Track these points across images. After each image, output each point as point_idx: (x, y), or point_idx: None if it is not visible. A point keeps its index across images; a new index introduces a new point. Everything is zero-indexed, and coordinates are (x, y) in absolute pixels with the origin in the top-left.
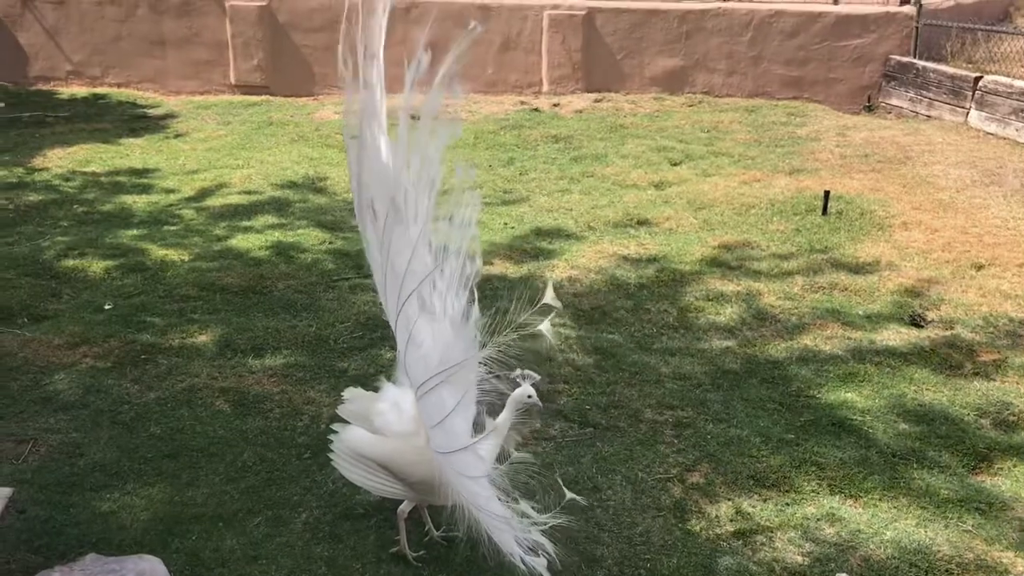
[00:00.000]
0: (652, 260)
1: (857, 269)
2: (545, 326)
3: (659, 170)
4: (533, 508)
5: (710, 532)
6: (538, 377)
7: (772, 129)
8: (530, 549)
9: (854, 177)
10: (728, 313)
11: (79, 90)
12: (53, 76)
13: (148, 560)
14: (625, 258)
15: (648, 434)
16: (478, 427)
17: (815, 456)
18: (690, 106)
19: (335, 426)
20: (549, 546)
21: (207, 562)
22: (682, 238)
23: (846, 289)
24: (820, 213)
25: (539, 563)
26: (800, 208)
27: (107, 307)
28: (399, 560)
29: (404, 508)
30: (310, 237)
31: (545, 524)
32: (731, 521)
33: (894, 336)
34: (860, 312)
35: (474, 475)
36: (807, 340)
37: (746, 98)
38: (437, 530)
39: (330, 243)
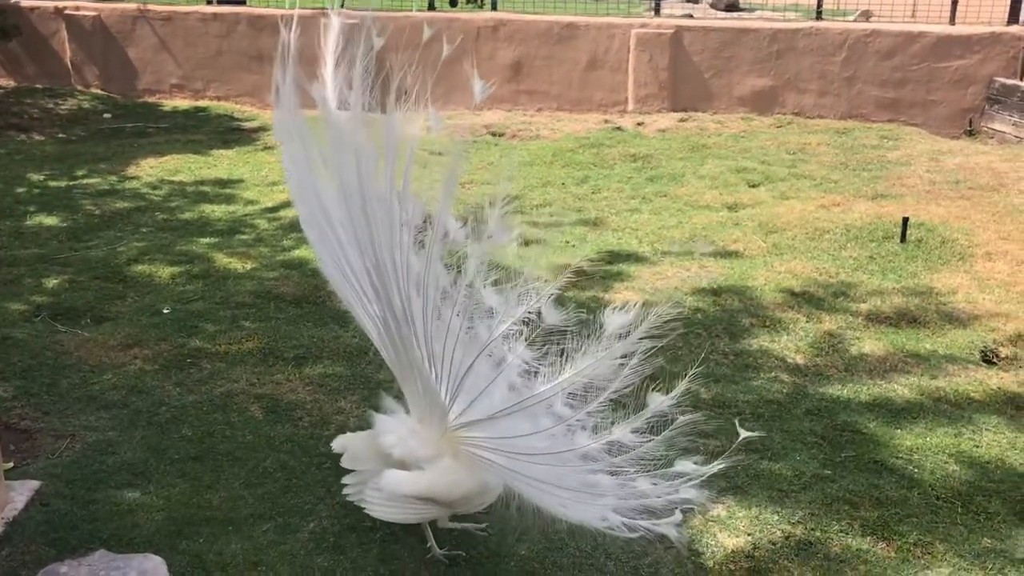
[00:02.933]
0: (712, 283)
1: (930, 300)
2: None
3: (735, 192)
4: (693, 463)
5: (723, 567)
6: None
7: (861, 152)
8: (665, 510)
9: (940, 204)
10: (783, 341)
11: (182, 103)
12: (159, 89)
13: (152, 560)
14: (684, 280)
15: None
16: None
17: (849, 494)
18: (778, 127)
19: (349, 479)
20: (703, 496)
21: (208, 565)
22: (747, 262)
23: (915, 320)
24: (898, 240)
25: (672, 521)
26: (877, 235)
27: (165, 311)
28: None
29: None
30: None
31: (704, 475)
32: (747, 557)
33: (960, 372)
34: (927, 345)
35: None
36: (863, 372)
37: (838, 120)
38: (440, 548)
39: None
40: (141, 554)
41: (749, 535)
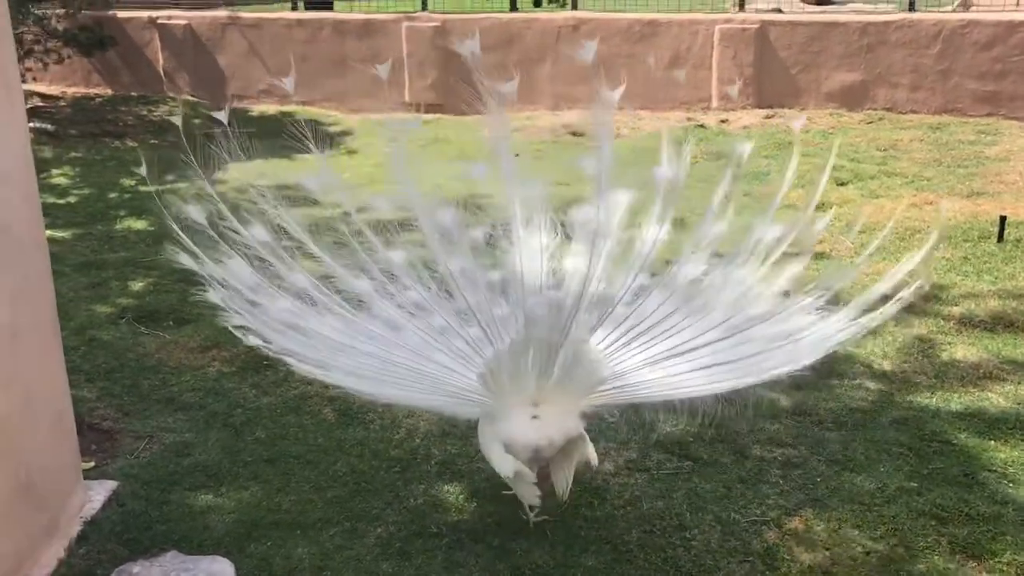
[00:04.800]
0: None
1: None
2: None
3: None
4: None
5: None
6: None
7: (957, 148)
8: None
9: None
10: (870, 346)
11: (269, 107)
12: (246, 94)
13: (220, 562)
14: None
15: (752, 472)
16: None
17: (937, 509)
18: (868, 123)
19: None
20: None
21: (276, 569)
22: (833, 263)
23: (1011, 325)
24: (995, 240)
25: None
26: (972, 235)
27: None
28: None
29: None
30: None
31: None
32: (824, 574)
33: None
34: None
35: None
36: (955, 379)
37: (932, 115)
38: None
39: None
40: (210, 556)
41: (827, 550)
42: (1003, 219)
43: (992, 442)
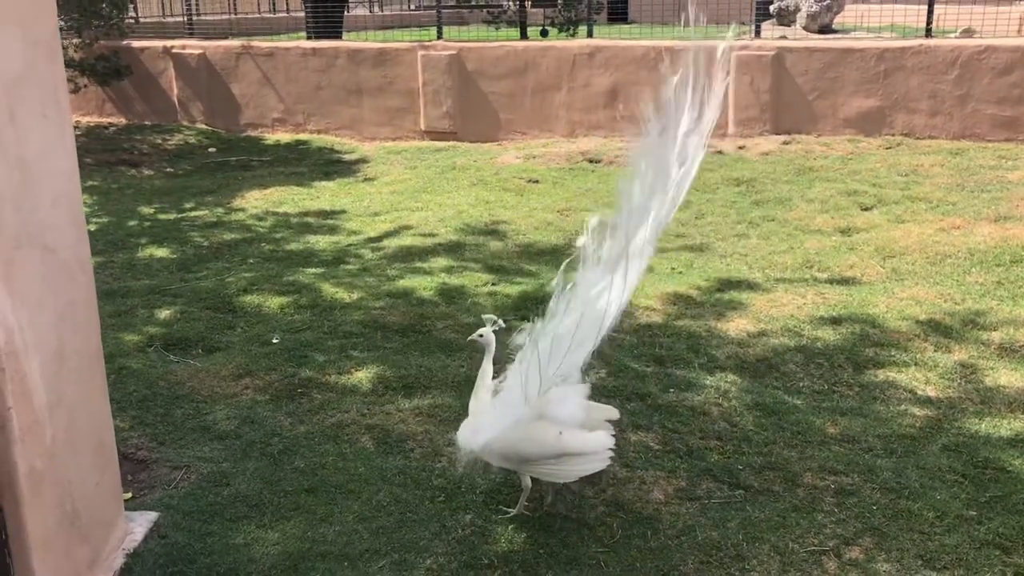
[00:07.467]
0: (831, 311)
1: None
2: None
3: (847, 215)
4: None
5: None
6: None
7: (979, 173)
8: None
9: None
10: (911, 371)
11: (283, 136)
12: (261, 123)
13: None
14: (801, 308)
15: (806, 501)
16: None
17: (1000, 538)
18: (887, 148)
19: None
20: None
21: None
22: (867, 288)
23: None
24: None
25: None
26: (1004, 259)
27: (275, 341)
28: None
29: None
30: (475, 279)
31: None
32: None
33: None
34: None
35: None
36: (1002, 405)
37: (951, 140)
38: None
39: (493, 284)
40: None
41: None
42: None
43: None
